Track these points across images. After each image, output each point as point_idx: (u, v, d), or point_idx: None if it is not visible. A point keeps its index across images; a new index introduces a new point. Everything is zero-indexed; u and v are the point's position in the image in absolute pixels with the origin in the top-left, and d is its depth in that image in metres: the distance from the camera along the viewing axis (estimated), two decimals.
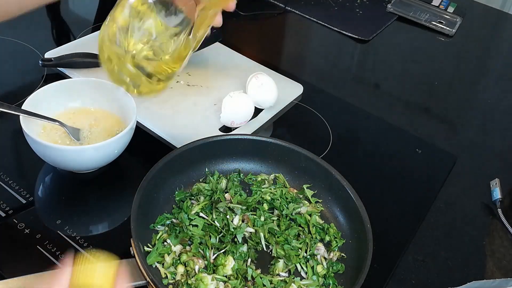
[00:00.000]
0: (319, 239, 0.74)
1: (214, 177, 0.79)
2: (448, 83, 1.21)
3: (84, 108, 0.86)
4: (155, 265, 0.68)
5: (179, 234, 0.71)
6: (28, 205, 0.76)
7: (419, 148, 0.97)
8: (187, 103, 0.96)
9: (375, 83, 1.18)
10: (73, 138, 0.80)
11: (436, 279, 0.76)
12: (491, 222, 0.86)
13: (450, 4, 1.40)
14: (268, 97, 0.95)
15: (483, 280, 0.73)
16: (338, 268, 0.71)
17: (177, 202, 0.76)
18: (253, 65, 1.08)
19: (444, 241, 0.82)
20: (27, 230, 0.72)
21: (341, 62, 1.26)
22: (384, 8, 1.38)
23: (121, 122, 0.84)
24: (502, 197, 0.87)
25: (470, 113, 1.14)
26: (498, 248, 0.82)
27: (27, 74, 1.00)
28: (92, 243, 0.72)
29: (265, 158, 0.82)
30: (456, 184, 0.91)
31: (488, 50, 1.36)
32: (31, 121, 0.78)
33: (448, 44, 1.31)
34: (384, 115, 1.04)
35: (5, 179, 0.79)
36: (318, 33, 1.30)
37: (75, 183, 0.82)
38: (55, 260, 0.69)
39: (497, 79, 1.25)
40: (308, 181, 0.80)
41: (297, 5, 1.34)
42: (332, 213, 0.78)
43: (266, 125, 0.96)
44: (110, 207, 0.80)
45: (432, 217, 0.85)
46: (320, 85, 1.10)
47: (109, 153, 0.78)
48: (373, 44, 1.27)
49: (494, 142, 1.04)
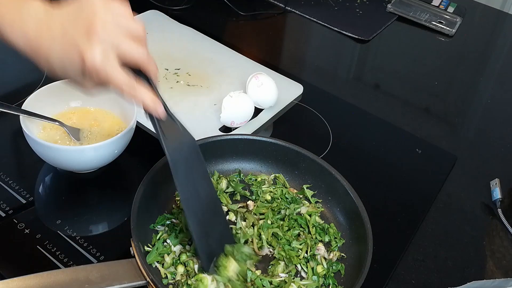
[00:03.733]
0: (319, 240, 0.74)
1: (214, 177, 0.79)
2: (448, 83, 1.21)
3: (84, 108, 0.86)
4: (155, 265, 0.68)
5: (179, 234, 0.71)
6: (28, 205, 0.76)
7: (419, 148, 0.97)
8: (187, 103, 0.96)
9: (375, 83, 1.18)
10: (73, 138, 0.80)
11: (436, 279, 0.76)
12: (491, 222, 0.86)
13: (450, 4, 1.40)
14: (268, 97, 0.95)
15: (483, 280, 0.73)
16: (338, 268, 0.71)
17: (177, 202, 0.76)
18: (253, 65, 1.08)
19: (444, 241, 0.82)
20: (27, 230, 0.72)
21: (341, 62, 1.26)
22: (384, 8, 1.38)
23: (121, 122, 0.84)
24: (502, 197, 0.87)
25: (470, 113, 1.14)
26: (498, 248, 0.82)
27: (27, 74, 1.00)
28: (92, 243, 0.72)
29: (265, 158, 0.82)
30: (456, 184, 0.91)
31: (488, 50, 1.36)
32: (31, 121, 0.78)
33: (448, 44, 1.31)
34: (384, 115, 1.04)
35: (5, 179, 0.79)
36: (318, 33, 1.30)
37: (75, 183, 0.82)
38: (55, 260, 0.69)
39: (497, 79, 1.25)
40: (308, 181, 0.80)
41: (297, 5, 1.34)
42: (332, 213, 0.78)
43: (266, 125, 0.96)
44: (110, 207, 0.80)
45: (432, 217, 0.85)
46: (320, 85, 1.10)
47: (109, 153, 0.78)
48: (373, 44, 1.27)
49: (494, 142, 1.04)
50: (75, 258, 0.70)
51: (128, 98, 0.60)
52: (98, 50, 0.57)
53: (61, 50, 0.58)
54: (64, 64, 0.59)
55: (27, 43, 0.58)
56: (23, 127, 0.75)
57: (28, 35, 0.58)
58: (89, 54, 0.56)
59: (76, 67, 0.58)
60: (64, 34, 0.58)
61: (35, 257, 0.70)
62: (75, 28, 0.57)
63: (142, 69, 0.61)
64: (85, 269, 0.63)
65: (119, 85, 0.59)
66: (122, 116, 0.84)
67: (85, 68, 0.57)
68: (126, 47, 0.59)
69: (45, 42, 0.58)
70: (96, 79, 0.59)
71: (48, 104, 0.82)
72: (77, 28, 0.57)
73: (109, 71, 0.58)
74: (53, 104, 0.83)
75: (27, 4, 0.59)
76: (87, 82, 0.60)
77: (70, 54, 0.57)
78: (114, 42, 0.58)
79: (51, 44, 0.58)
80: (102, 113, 0.86)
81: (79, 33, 0.57)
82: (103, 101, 0.85)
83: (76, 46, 0.57)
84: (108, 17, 0.58)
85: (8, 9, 0.59)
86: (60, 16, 0.59)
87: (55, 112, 0.84)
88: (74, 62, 0.58)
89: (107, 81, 0.59)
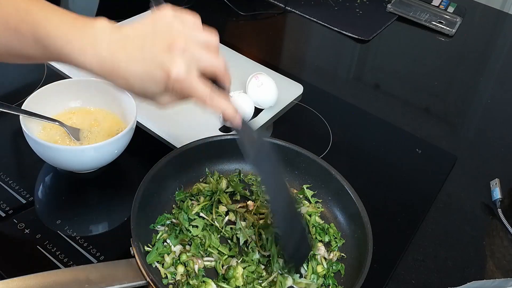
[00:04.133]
0: (319, 240, 0.74)
1: (214, 177, 0.79)
2: (448, 83, 1.21)
3: (84, 108, 0.86)
4: (155, 265, 0.68)
5: (179, 234, 0.71)
6: (28, 205, 0.76)
7: (419, 148, 0.97)
8: (187, 103, 0.96)
9: (375, 83, 1.18)
10: (73, 138, 0.80)
11: (436, 279, 0.76)
12: (491, 222, 0.86)
13: (450, 4, 1.40)
14: (268, 97, 0.95)
15: (483, 280, 0.73)
16: (338, 268, 0.71)
17: (177, 202, 0.76)
18: (253, 65, 1.08)
19: (444, 241, 0.82)
20: (27, 230, 0.72)
21: (341, 62, 1.26)
22: (384, 8, 1.38)
23: (121, 122, 0.84)
24: (502, 197, 0.87)
25: (470, 113, 1.14)
26: (498, 248, 0.82)
27: (27, 74, 1.00)
28: (92, 243, 0.72)
29: None
30: (456, 184, 0.91)
31: (488, 50, 1.36)
32: (31, 121, 0.78)
33: (448, 44, 1.31)
34: (384, 115, 1.04)
35: (5, 179, 0.79)
36: (318, 33, 1.30)
37: (75, 183, 0.82)
38: (55, 260, 0.69)
39: (497, 79, 1.25)
40: (308, 181, 0.80)
41: (297, 5, 1.34)
42: (332, 213, 0.78)
43: (266, 125, 0.96)
44: (110, 207, 0.80)
45: (432, 217, 0.85)
46: (320, 85, 1.10)
47: (109, 153, 0.78)
48: (373, 44, 1.27)
49: (494, 142, 1.04)
50: (75, 258, 0.70)
51: (209, 108, 0.60)
52: (182, 64, 0.56)
53: (141, 68, 0.56)
54: (144, 81, 0.57)
55: (102, 66, 0.56)
56: (23, 127, 0.75)
57: (102, 58, 0.56)
58: (175, 69, 0.56)
59: (159, 83, 0.57)
60: (142, 51, 0.56)
61: (35, 257, 0.70)
62: (153, 44, 0.56)
63: (219, 79, 0.61)
64: (85, 269, 0.63)
65: (202, 97, 0.59)
66: (122, 116, 0.84)
67: (169, 83, 0.57)
68: (206, 59, 0.59)
69: (122, 62, 0.56)
70: (179, 94, 0.59)
71: (48, 104, 0.82)
72: (156, 44, 0.56)
73: (193, 84, 0.58)
74: (53, 104, 0.83)
75: (93, 25, 0.57)
76: (166, 97, 0.60)
77: (152, 71, 0.56)
78: (195, 55, 0.58)
79: (129, 63, 0.56)
80: (102, 113, 0.86)
81: (159, 49, 0.56)
82: (103, 101, 0.85)
83: (159, 62, 0.56)
84: (185, 30, 0.58)
85: (74, 34, 0.56)
86: (134, 34, 0.57)
87: (55, 112, 0.84)
88: (157, 79, 0.57)
89: (190, 94, 0.59)
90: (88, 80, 0.85)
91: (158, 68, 0.56)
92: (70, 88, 0.85)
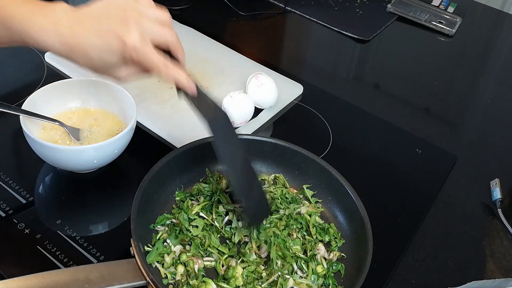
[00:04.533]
0: (319, 240, 0.74)
1: (214, 177, 0.79)
2: (448, 83, 1.21)
3: (84, 108, 0.86)
4: (155, 265, 0.68)
5: (179, 234, 0.71)
6: (28, 205, 0.76)
7: (419, 148, 0.97)
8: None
9: (375, 83, 1.18)
10: (73, 138, 0.80)
11: (436, 279, 0.76)
12: (491, 222, 0.86)
13: (450, 4, 1.40)
14: (268, 97, 0.95)
15: (483, 280, 0.73)
16: (338, 268, 0.71)
17: (177, 202, 0.76)
18: (253, 65, 1.08)
19: (444, 241, 0.82)
20: (27, 230, 0.72)
21: (341, 62, 1.26)
22: (384, 8, 1.38)
23: (121, 122, 0.84)
24: (502, 197, 0.87)
25: (470, 113, 1.14)
26: (498, 248, 0.82)
27: (27, 74, 1.00)
28: (92, 243, 0.72)
29: (265, 158, 0.82)
30: (456, 184, 0.91)
31: (488, 50, 1.36)
32: (31, 121, 0.78)
33: (448, 44, 1.31)
34: (384, 115, 1.04)
35: (5, 179, 0.79)
36: (318, 33, 1.30)
37: (75, 183, 0.82)
38: (55, 260, 0.69)
39: (497, 79, 1.25)
40: (308, 181, 0.80)
41: (297, 5, 1.34)
42: (332, 213, 0.78)
43: (266, 125, 0.96)
44: (110, 207, 0.80)
45: (432, 217, 0.85)
46: (320, 85, 1.10)
47: (109, 153, 0.78)
48: (373, 44, 1.27)
49: (494, 142, 1.04)
50: (75, 258, 0.70)
51: (164, 78, 0.65)
52: (137, 33, 0.62)
53: (99, 39, 0.62)
54: (102, 51, 0.62)
55: (64, 43, 0.62)
56: (23, 127, 0.75)
57: (63, 35, 0.61)
58: (129, 37, 0.61)
59: (116, 52, 0.62)
60: (99, 25, 0.62)
61: (35, 257, 0.70)
62: (109, 18, 0.62)
63: (172, 51, 0.66)
64: (85, 269, 0.63)
65: (157, 65, 0.63)
66: (122, 116, 0.84)
67: (126, 51, 0.62)
68: (159, 31, 0.64)
69: (81, 37, 0.62)
70: (136, 62, 0.63)
71: (48, 104, 0.82)
72: (111, 18, 0.62)
73: (147, 52, 0.63)
74: (53, 104, 0.83)
75: (53, 7, 0.62)
76: (124, 69, 0.65)
77: (109, 40, 0.62)
78: (147, 27, 0.63)
79: (88, 37, 0.62)
80: (102, 113, 0.86)
81: (115, 22, 0.62)
82: (103, 101, 0.85)
83: (114, 33, 0.61)
84: (138, 6, 0.64)
85: (36, 15, 0.62)
86: (91, 12, 0.63)
87: (55, 112, 0.84)
88: (114, 48, 0.62)
89: (146, 63, 0.63)
90: (88, 80, 0.85)
91: (115, 38, 0.62)
92: (70, 88, 0.85)
